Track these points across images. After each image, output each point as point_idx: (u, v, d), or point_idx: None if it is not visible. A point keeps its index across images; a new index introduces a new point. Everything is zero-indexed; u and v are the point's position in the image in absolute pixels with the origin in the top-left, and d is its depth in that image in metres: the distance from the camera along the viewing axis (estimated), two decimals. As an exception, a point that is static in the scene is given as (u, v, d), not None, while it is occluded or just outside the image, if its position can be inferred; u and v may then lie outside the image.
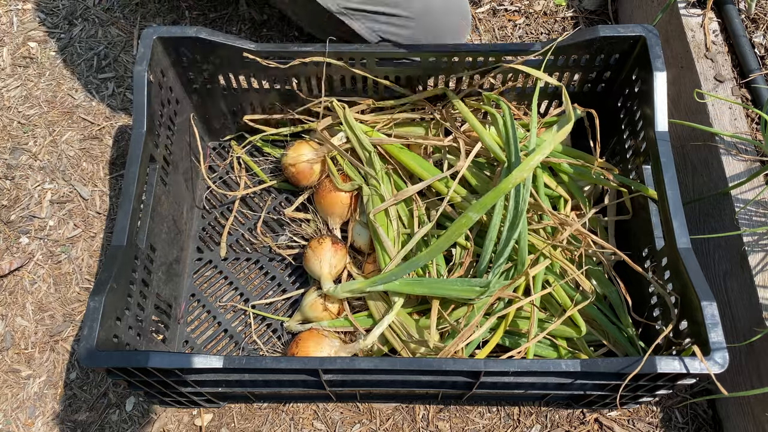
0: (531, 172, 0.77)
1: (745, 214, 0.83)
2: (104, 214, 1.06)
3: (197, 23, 1.22)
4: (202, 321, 0.96)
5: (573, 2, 1.25)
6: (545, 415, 0.90)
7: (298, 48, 0.87)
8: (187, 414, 0.91)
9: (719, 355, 0.65)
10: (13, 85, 1.18)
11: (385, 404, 0.91)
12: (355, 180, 0.93)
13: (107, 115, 1.14)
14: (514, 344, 0.83)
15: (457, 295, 0.80)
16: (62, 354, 0.96)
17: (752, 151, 0.87)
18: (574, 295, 0.83)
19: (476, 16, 1.23)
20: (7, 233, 1.05)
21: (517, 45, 0.88)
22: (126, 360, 0.66)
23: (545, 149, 0.77)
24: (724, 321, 0.86)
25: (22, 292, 1.00)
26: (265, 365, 0.68)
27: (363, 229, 0.93)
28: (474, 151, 0.87)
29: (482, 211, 0.78)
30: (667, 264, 0.77)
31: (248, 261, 1.00)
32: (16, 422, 0.92)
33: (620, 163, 0.93)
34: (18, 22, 1.24)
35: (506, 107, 0.86)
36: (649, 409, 0.90)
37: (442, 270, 0.85)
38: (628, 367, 0.65)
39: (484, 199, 0.77)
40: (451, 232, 0.79)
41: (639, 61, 0.85)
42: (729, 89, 0.92)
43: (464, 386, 0.75)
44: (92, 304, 0.68)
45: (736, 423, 0.85)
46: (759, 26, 0.95)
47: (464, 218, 0.78)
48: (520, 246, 0.80)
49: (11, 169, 1.10)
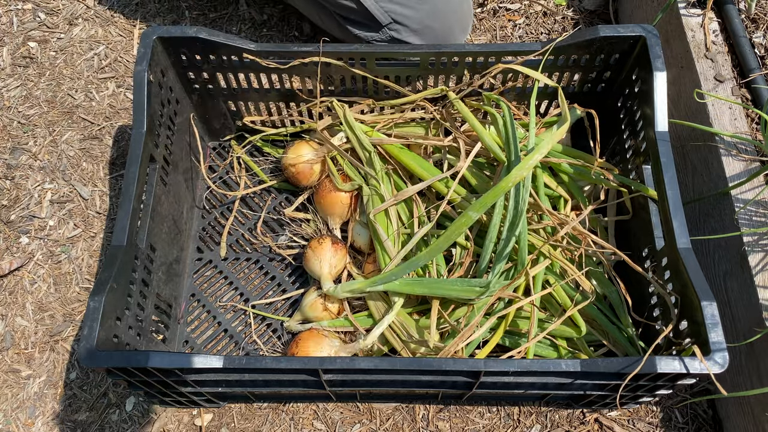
0: (530, 171, 0.77)
1: (745, 214, 0.83)
2: (104, 214, 1.06)
3: (197, 23, 1.22)
4: (202, 321, 0.96)
5: (573, 2, 1.25)
6: (545, 415, 0.90)
7: (298, 48, 0.87)
8: (187, 414, 0.91)
9: (719, 355, 0.65)
10: (13, 85, 1.18)
11: (385, 404, 0.91)
12: (355, 180, 0.93)
13: (107, 115, 1.14)
14: (514, 344, 0.83)
15: (458, 295, 0.80)
16: (62, 354, 0.96)
17: (752, 151, 0.87)
18: (574, 295, 0.83)
19: (476, 15, 1.23)
20: (7, 233, 1.05)
21: (517, 45, 0.88)
22: (126, 360, 0.66)
23: (544, 148, 0.77)
24: (724, 321, 0.86)
25: (22, 292, 1.00)
26: (265, 365, 0.68)
27: (363, 229, 0.93)
28: (474, 151, 0.87)
29: (482, 210, 0.78)
30: (667, 264, 0.77)
31: (248, 261, 1.00)
32: (16, 422, 0.92)
33: (620, 163, 0.93)
34: (18, 22, 1.24)
35: (506, 107, 0.86)
36: (649, 409, 0.90)
37: (442, 270, 0.85)
38: (628, 367, 0.65)
39: (484, 198, 0.77)
40: (451, 232, 0.79)
41: (639, 61, 0.85)
42: (729, 89, 0.92)
43: (464, 386, 0.75)
44: (92, 304, 0.68)
45: (736, 423, 0.85)
46: (759, 26, 0.95)
47: (464, 217, 0.78)
48: (520, 246, 0.80)
49: (11, 169, 1.10)
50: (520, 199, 0.78)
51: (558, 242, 0.85)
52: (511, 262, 0.82)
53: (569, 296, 0.83)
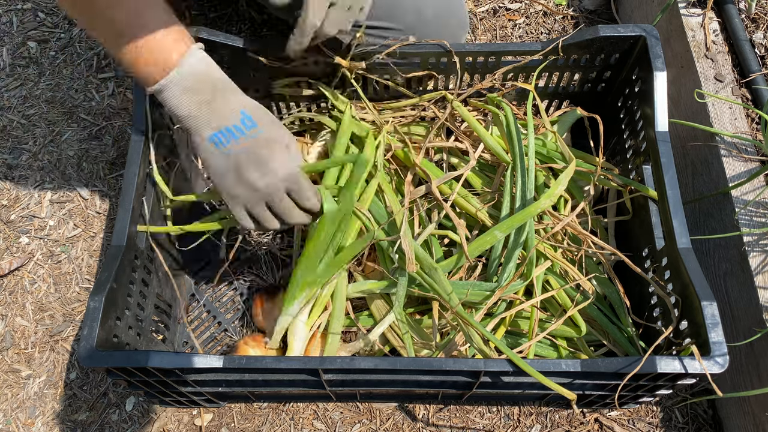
0: (556, 198, 0.80)
1: (745, 214, 0.83)
2: (104, 214, 1.06)
3: (197, 23, 1.22)
4: (203, 321, 0.96)
5: (573, 2, 1.25)
6: (545, 415, 0.90)
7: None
8: (187, 414, 0.91)
9: (719, 355, 0.65)
10: (13, 85, 1.18)
11: (385, 404, 0.91)
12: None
13: (107, 115, 1.14)
14: (515, 344, 0.83)
15: (469, 298, 0.80)
16: (62, 354, 0.96)
17: (752, 151, 0.87)
18: (575, 295, 0.83)
19: (477, 15, 1.23)
20: (7, 233, 1.05)
21: (517, 45, 0.88)
22: (126, 360, 0.66)
23: (565, 179, 0.81)
24: (724, 321, 0.86)
25: (22, 292, 1.00)
26: (265, 365, 0.68)
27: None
28: (477, 153, 0.88)
29: (508, 231, 0.80)
30: (667, 264, 0.77)
31: (248, 261, 1.00)
32: (16, 422, 0.92)
33: (620, 163, 0.93)
34: (18, 22, 1.24)
35: (508, 109, 0.86)
36: (649, 409, 0.90)
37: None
38: (628, 367, 0.65)
39: (512, 219, 0.80)
40: (474, 248, 0.81)
41: (639, 61, 0.85)
42: (729, 89, 0.92)
43: (464, 386, 0.75)
44: (92, 304, 0.68)
45: (736, 423, 0.85)
46: (759, 26, 0.95)
47: (489, 236, 0.80)
48: (528, 248, 0.81)
49: (11, 169, 1.10)
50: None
51: (558, 243, 0.85)
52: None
53: (569, 296, 0.83)
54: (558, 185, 0.80)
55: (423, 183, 0.90)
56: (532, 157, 0.84)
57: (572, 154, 0.92)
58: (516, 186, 0.83)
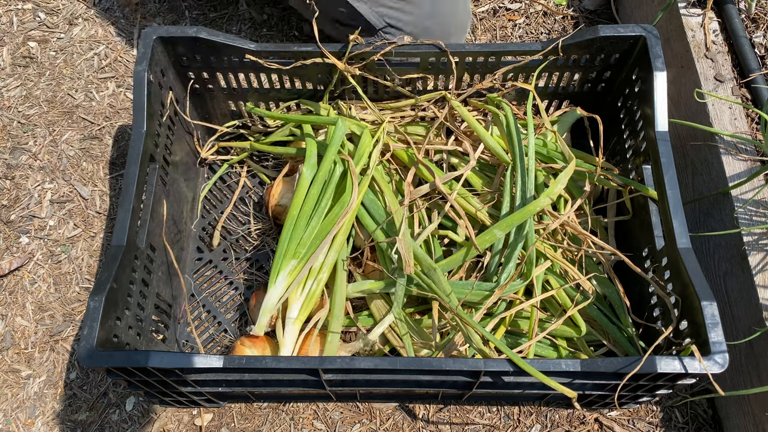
0: (556, 197, 0.80)
1: (745, 214, 0.83)
2: (104, 214, 1.06)
3: (197, 23, 1.22)
4: (203, 321, 0.96)
5: (573, 2, 1.25)
6: (545, 415, 0.90)
7: (298, 48, 0.87)
8: (187, 414, 0.91)
9: (719, 355, 0.65)
10: (13, 85, 1.18)
11: (385, 404, 0.91)
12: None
13: (107, 115, 1.14)
14: (515, 344, 0.83)
15: (470, 298, 0.80)
16: (62, 354, 0.96)
17: (752, 150, 0.87)
18: (575, 295, 0.83)
19: (477, 15, 1.23)
20: (7, 233, 1.05)
21: (517, 45, 0.88)
22: (126, 360, 0.66)
23: (564, 178, 0.81)
24: (724, 321, 0.86)
25: (22, 292, 1.00)
26: (265, 365, 0.68)
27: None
28: (476, 153, 0.88)
29: (508, 229, 0.81)
30: (667, 264, 0.77)
31: (248, 261, 1.00)
32: (17, 422, 0.92)
33: (620, 163, 0.93)
34: (18, 22, 1.24)
35: (508, 109, 0.86)
36: (649, 409, 0.90)
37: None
38: (628, 367, 0.65)
39: (512, 218, 0.80)
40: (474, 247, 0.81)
41: (639, 61, 0.85)
42: (729, 89, 0.92)
43: (464, 386, 0.75)
44: (92, 304, 0.68)
45: (736, 423, 0.85)
46: (759, 26, 0.95)
47: (488, 234, 0.81)
48: (527, 248, 0.80)
49: (11, 169, 1.10)
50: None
51: (558, 243, 0.85)
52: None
53: (569, 296, 0.83)
54: (557, 184, 0.80)
55: (423, 183, 0.90)
56: (532, 157, 0.84)
57: (572, 153, 0.93)
58: (516, 186, 0.83)
